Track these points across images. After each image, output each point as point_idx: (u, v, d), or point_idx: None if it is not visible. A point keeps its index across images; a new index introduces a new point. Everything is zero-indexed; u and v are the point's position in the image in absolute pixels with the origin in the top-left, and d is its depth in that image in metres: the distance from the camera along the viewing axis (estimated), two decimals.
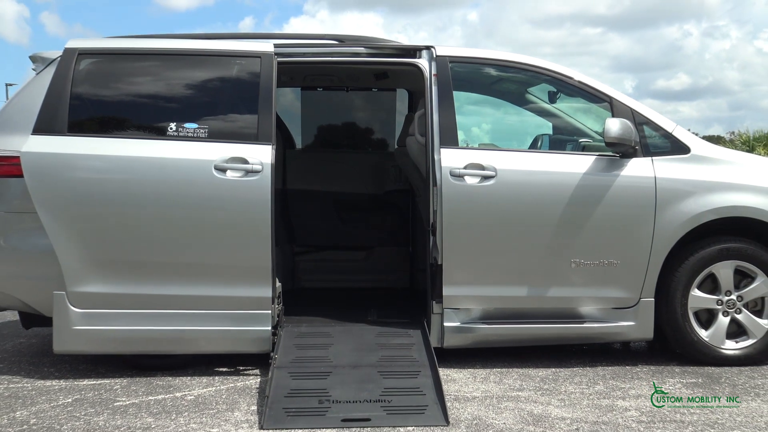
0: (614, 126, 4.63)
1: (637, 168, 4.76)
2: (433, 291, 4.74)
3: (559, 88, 5.21)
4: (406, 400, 3.92)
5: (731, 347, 4.81)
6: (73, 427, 3.73)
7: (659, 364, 4.83)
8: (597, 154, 4.81)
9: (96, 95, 4.72)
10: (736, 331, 4.84)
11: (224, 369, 4.69)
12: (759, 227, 4.83)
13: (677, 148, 4.87)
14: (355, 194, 6.80)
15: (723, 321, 4.81)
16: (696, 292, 4.79)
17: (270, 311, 4.55)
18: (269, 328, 4.54)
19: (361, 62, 5.28)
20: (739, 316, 4.81)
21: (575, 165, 4.77)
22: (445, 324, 4.70)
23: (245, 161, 4.50)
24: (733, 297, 4.81)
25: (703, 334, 4.80)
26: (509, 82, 5.60)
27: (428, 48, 4.97)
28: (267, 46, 4.80)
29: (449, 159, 4.68)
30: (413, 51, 5.04)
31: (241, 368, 4.70)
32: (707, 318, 4.85)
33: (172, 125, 4.59)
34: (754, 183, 4.84)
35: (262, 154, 4.53)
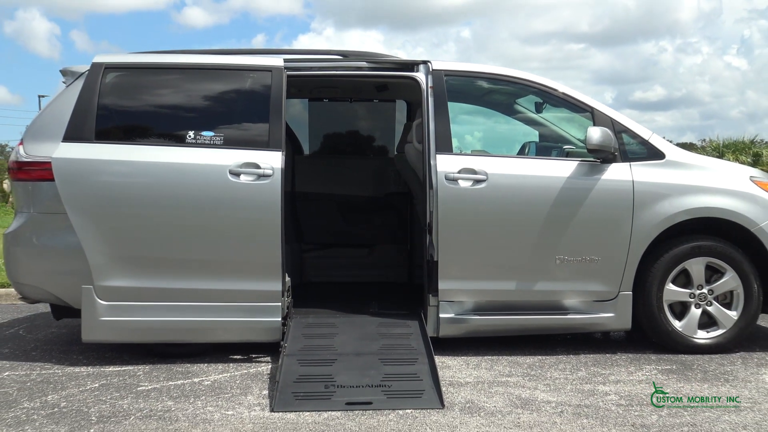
0: (595, 134, 4.65)
1: (616, 172, 4.76)
2: (430, 285, 4.74)
3: (545, 99, 5.22)
4: (405, 385, 3.93)
5: (703, 337, 4.82)
6: (99, 409, 3.74)
7: (637, 352, 4.83)
8: (579, 159, 4.82)
9: (121, 106, 4.74)
10: (707, 321, 4.84)
11: (238, 356, 4.70)
12: (728, 227, 4.83)
13: (653, 154, 4.88)
14: (358, 196, 6.81)
15: (695, 313, 4.82)
16: (670, 286, 4.79)
17: (280, 303, 4.55)
18: (279, 319, 4.55)
19: (364, 75, 5.27)
20: (710, 308, 4.82)
21: (560, 170, 4.77)
22: (441, 315, 4.71)
23: (257, 166, 4.51)
24: (705, 291, 4.81)
25: (677, 324, 4.80)
26: (499, 94, 5.60)
27: (425, 62, 4.97)
28: (277, 61, 4.81)
29: (444, 164, 4.68)
30: (411, 65, 5.05)
31: (253, 356, 4.70)
32: (681, 310, 4.85)
33: (191, 133, 4.60)
34: (724, 186, 4.85)
35: (272, 160, 4.54)
